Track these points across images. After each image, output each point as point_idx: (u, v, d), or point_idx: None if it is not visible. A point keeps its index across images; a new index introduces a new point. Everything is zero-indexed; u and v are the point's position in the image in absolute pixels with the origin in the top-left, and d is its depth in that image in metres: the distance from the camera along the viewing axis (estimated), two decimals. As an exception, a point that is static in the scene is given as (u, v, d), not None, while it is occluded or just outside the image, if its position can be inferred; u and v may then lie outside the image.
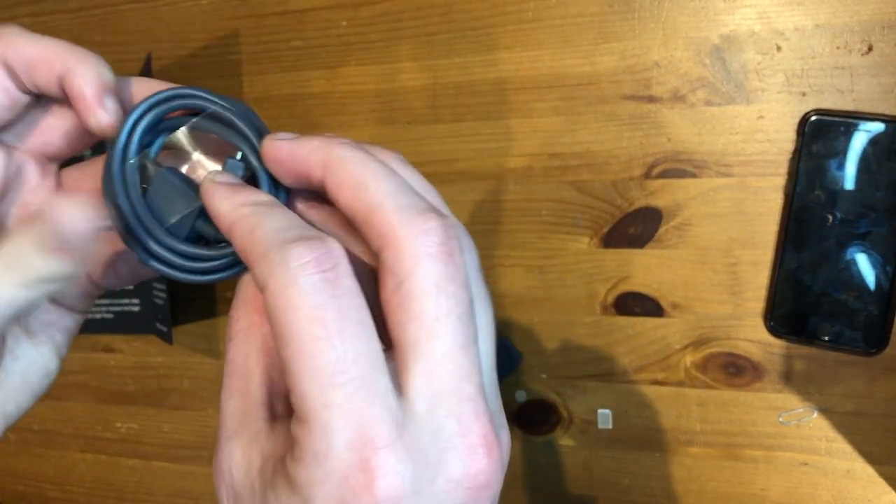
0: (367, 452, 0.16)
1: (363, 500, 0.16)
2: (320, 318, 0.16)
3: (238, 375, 0.19)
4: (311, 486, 0.16)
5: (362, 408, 0.16)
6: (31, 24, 0.59)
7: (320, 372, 0.16)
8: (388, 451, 0.16)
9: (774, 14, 0.42)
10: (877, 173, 0.39)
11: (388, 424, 0.16)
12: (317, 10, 0.50)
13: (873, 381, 0.41)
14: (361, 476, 0.16)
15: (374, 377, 0.16)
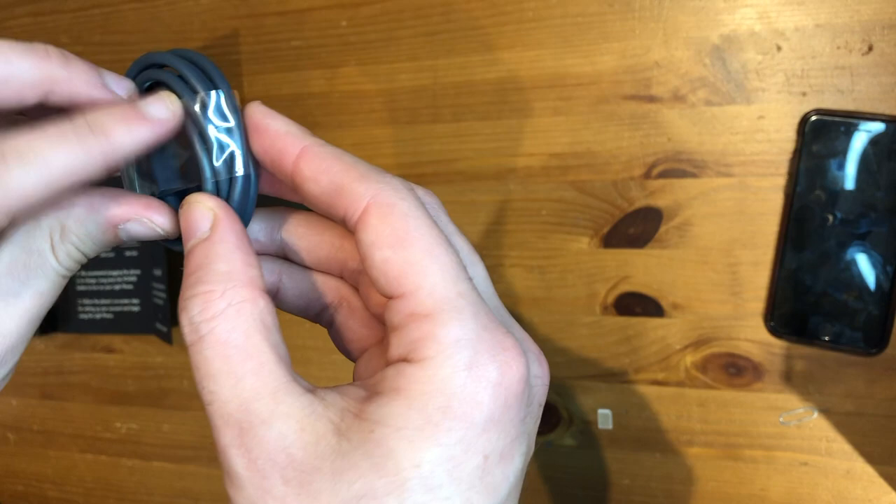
0: (497, 334, 0.17)
1: (503, 379, 0.17)
2: (435, 226, 0.18)
3: (243, 355, 0.17)
4: (449, 379, 0.16)
5: (479, 300, 0.18)
6: (30, 24, 0.59)
7: (451, 266, 0.18)
8: (503, 334, 0.18)
9: (775, 14, 0.42)
10: (877, 173, 0.39)
11: (493, 317, 0.18)
12: (317, 9, 0.50)
13: (874, 381, 0.41)
14: (500, 353, 0.17)
15: (469, 280, 0.18)
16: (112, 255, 0.55)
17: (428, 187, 0.52)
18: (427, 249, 0.18)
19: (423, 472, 0.16)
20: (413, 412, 0.16)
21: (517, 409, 0.17)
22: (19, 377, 0.62)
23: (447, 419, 0.16)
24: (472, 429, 0.16)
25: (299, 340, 0.53)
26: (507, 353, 0.17)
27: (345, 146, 0.54)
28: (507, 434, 0.17)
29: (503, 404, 0.17)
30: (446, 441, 0.16)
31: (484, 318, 0.18)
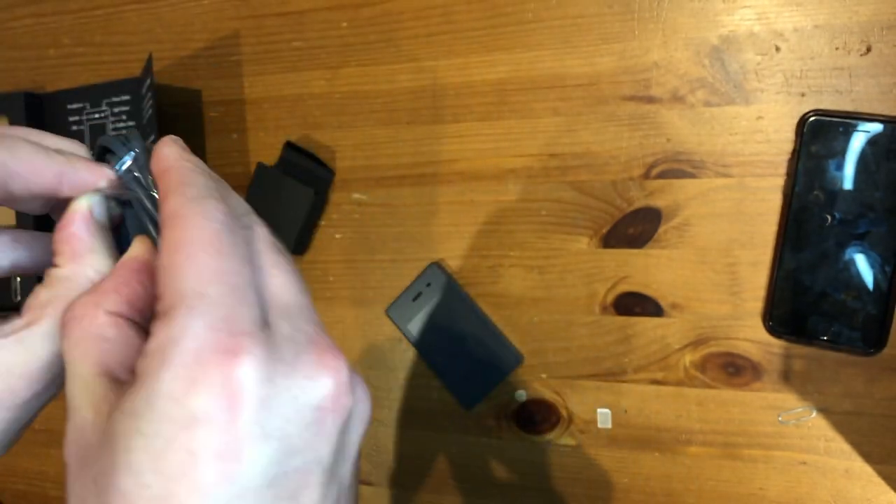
0: (227, 336, 0.16)
1: (214, 377, 0.16)
2: (219, 238, 0.18)
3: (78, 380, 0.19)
4: (158, 370, 0.16)
5: (233, 304, 0.17)
6: (32, 25, 0.59)
7: (205, 270, 0.17)
8: (249, 337, 0.16)
9: (773, 15, 0.42)
10: (875, 173, 0.39)
11: (253, 321, 0.17)
12: (317, 10, 0.51)
13: (872, 380, 0.42)
14: (217, 355, 0.16)
15: (247, 289, 0.17)
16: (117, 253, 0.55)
17: (428, 187, 0.53)
18: (190, 254, 0.17)
19: (129, 459, 0.16)
20: (128, 403, 0.16)
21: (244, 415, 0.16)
22: (21, 377, 0.62)
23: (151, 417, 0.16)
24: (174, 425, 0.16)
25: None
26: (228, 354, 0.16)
27: (345, 146, 0.55)
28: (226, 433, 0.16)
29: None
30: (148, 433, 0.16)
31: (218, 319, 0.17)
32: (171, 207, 0.19)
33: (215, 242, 0.18)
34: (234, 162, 0.54)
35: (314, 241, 0.52)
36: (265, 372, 0.16)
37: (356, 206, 0.51)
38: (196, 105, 0.55)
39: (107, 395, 0.18)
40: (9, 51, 0.60)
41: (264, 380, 0.16)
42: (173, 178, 0.21)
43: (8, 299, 0.57)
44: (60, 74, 0.59)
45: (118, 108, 0.54)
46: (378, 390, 0.52)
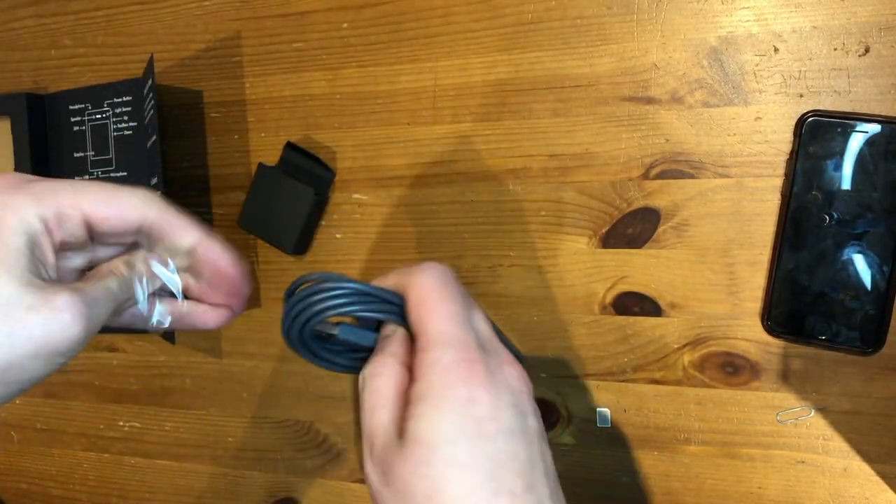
0: (464, 354, 0.26)
1: (472, 377, 0.26)
2: (449, 298, 0.28)
3: (380, 398, 0.27)
4: (435, 379, 0.26)
5: (467, 338, 0.27)
6: (34, 26, 0.59)
7: (442, 316, 0.27)
8: (476, 353, 0.27)
9: (772, 16, 0.42)
10: (874, 174, 0.40)
11: (475, 346, 0.27)
12: (318, 11, 0.51)
13: (870, 380, 0.42)
14: (464, 364, 0.26)
15: (469, 327, 0.28)
16: (115, 255, 0.55)
17: (428, 188, 0.53)
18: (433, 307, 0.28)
19: (433, 438, 0.25)
20: (419, 406, 0.26)
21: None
22: (23, 376, 0.62)
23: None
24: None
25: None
26: (468, 358, 0.27)
27: (346, 147, 0.55)
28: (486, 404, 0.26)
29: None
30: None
31: (462, 344, 0.27)
32: (406, 281, 0.29)
33: (446, 293, 0.28)
34: (235, 162, 0.54)
35: (315, 241, 0.52)
36: (490, 368, 0.27)
37: (357, 207, 0.51)
38: (197, 106, 0.55)
39: (400, 412, 0.26)
40: (10, 52, 0.60)
41: (492, 371, 0.27)
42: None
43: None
44: (62, 75, 0.59)
45: (119, 109, 0.55)
46: (378, 390, 0.52)
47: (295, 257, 0.53)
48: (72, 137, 0.56)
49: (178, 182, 0.56)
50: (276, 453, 0.55)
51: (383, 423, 0.26)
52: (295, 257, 0.53)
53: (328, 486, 0.54)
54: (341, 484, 0.53)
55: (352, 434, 0.53)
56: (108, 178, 0.55)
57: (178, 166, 0.56)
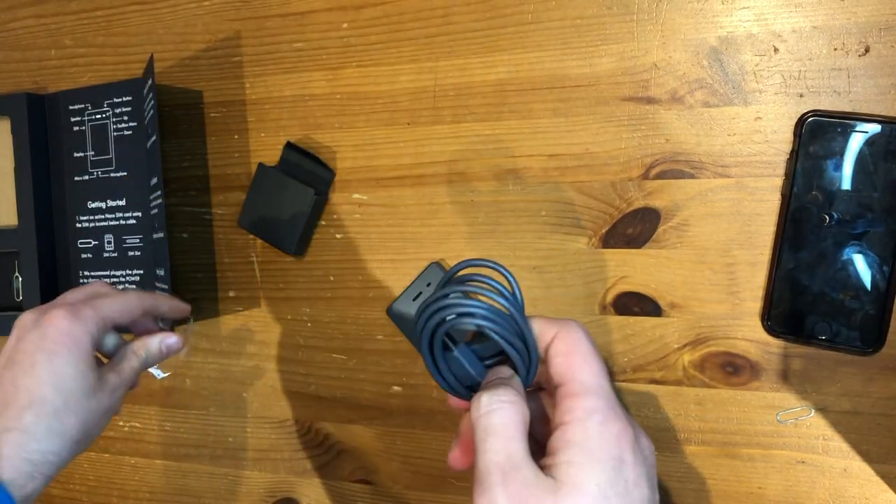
0: (616, 411, 0.28)
1: (622, 438, 0.27)
2: (596, 352, 0.31)
3: (514, 428, 0.28)
4: (587, 427, 0.27)
5: (616, 400, 0.29)
6: (34, 26, 0.59)
7: (598, 370, 0.29)
8: (624, 414, 0.29)
9: (772, 16, 0.42)
10: (873, 174, 0.40)
11: (624, 413, 0.29)
12: (318, 12, 0.51)
13: (870, 380, 0.42)
14: (617, 423, 0.27)
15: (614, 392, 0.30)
16: (115, 254, 0.55)
17: (428, 188, 0.53)
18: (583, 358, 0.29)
19: (592, 489, 0.26)
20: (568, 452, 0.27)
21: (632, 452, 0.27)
22: (23, 376, 0.62)
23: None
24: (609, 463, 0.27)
25: (300, 339, 0.53)
26: (620, 419, 0.28)
27: (346, 147, 0.55)
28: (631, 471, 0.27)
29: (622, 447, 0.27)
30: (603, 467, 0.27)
31: (611, 400, 0.28)
32: (554, 329, 0.30)
33: (597, 351, 0.30)
34: (235, 162, 0.54)
35: (315, 241, 0.52)
36: (634, 434, 0.28)
37: (356, 207, 0.51)
38: (197, 106, 0.55)
39: (528, 447, 0.27)
40: (10, 52, 0.60)
41: (636, 437, 0.28)
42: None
43: (10, 299, 0.57)
44: (62, 75, 0.59)
45: (119, 109, 0.55)
46: (378, 390, 0.52)
47: (295, 257, 0.53)
48: (72, 137, 0.56)
49: (178, 182, 0.56)
50: (276, 453, 0.55)
51: (520, 454, 0.27)
52: (295, 257, 0.53)
53: (328, 486, 0.54)
54: (341, 484, 0.53)
55: (352, 434, 0.53)
56: (108, 178, 0.55)
57: (178, 166, 0.56)
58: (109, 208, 0.55)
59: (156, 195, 0.51)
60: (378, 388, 0.52)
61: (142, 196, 0.54)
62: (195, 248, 0.56)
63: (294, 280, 0.53)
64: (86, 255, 0.56)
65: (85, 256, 0.56)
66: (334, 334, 0.52)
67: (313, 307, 0.53)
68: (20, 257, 0.56)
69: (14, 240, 0.56)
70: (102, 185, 0.55)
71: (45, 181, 0.57)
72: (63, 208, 0.57)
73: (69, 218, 0.57)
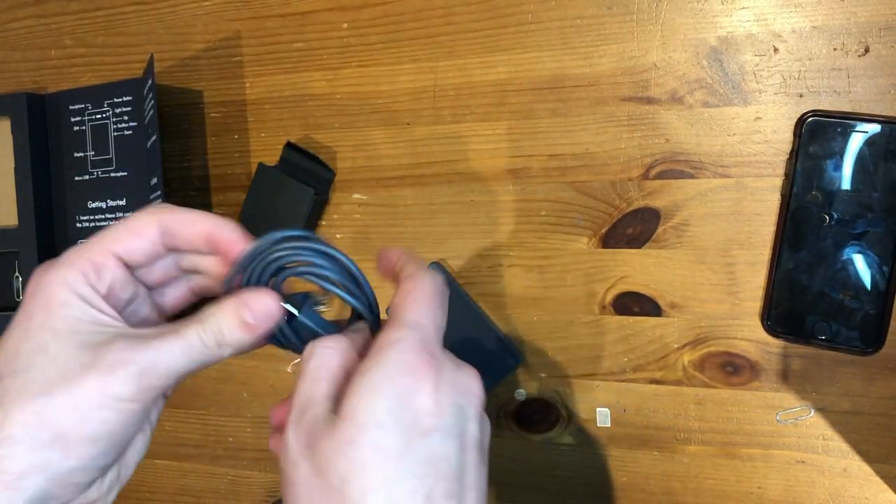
0: (428, 347, 0.26)
1: (422, 370, 0.25)
2: (437, 296, 0.28)
3: (324, 370, 0.26)
4: (387, 357, 0.25)
5: (433, 334, 0.27)
6: (34, 26, 0.59)
7: (425, 310, 0.27)
8: (441, 352, 0.26)
9: (772, 16, 0.42)
10: (873, 174, 0.40)
11: (440, 347, 0.27)
12: (318, 12, 0.51)
13: (870, 380, 0.42)
14: (424, 356, 0.25)
15: (440, 329, 0.27)
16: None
17: (428, 188, 0.53)
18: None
19: (365, 418, 0.24)
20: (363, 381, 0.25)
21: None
22: (23, 376, 0.62)
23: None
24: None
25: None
26: (428, 354, 0.25)
27: (346, 147, 0.55)
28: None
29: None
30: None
31: (426, 340, 0.26)
32: (409, 271, 0.28)
33: (436, 298, 0.28)
34: (235, 162, 0.54)
35: (315, 241, 0.52)
36: (448, 364, 0.26)
37: (357, 207, 0.51)
38: (197, 106, 0.55)
39: (339, 389, 0.26)
40: (11, 52, 0.60)
41: (448, 367, 0.26)
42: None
43: (10, 299, 0.57)
44: (62, 75, 0.59)
45: (120, 109, 0.55)
46: (378, 390, 0.52)
47: (295, 257, 0.53)
48: (72, 137, 0.56)
49: (178, 182, 0.56)
50: (276, 453, 0.55)
51: (320, 394, 0.25)
52: (295, 257, 0.53)
53: (328, 486, 0.54)
54: (341, 484, 0.53)
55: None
56: (109, 178, 0.55)
57: (178, 166, 0.56)
58: (109, 208, 0.55)
59: (156, 195, 0.51)
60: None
61: (142, 196, 0.54)
62: (195, 248, 0.56)
63: (294, 280, 0.53)
64: (86, 255, 0.56)
65: (85, 256, 0.56)
66: (334, 334, 0.52)
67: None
68: (20, 257, 0.56)
69: (14, 240, 0.56)
70: (102, 185, 0.55)
71: (45, 181, 0.57)
72: (63, 208, 0.57)
73: (69, 218, 0.57)
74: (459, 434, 0.25)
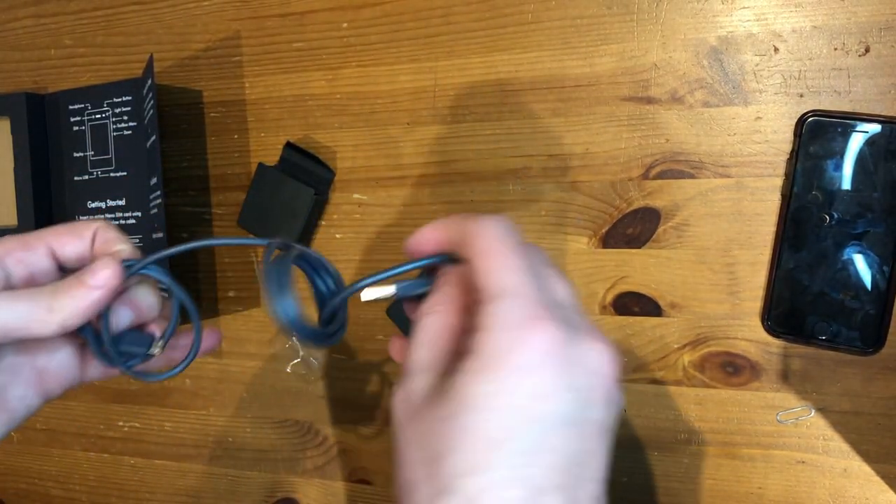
0: (535, 311, 0.23)
1: (531, 339, 0.22)
2: (518, 251, 0.25)
3: (428, 335, 0.26)
4: (491, 337, 0.23)
5: (535, 292, 0.24)
6: (33, 26, 0.59)
7: (515, 270, 0.24)
8: (549, 312, 0.23)
9: (772, 16, 0.42)
10: (874, 174, 0.40)
11: (548, 305, 0.24)
12: (318, 11, 0.51)
13: (870, 380, 0.42)
14: (531, 321, 0.23)
15: (542, 286, 0.25)
16: (115, 255, 0.55)
17: (428, 188, 0.53)
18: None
19: (479, 402, 0.22)
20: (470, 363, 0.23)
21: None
22: (23, 376, 0.62)
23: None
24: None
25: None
26: (542, 318, 0.23)
27: (346, 147, 0.55)
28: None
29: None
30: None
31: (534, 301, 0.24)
32: (465, 230, 0.27)
33: (516, 252, 0.25)
34: (235, 162, 0.54)
35: (315, 241, 0.52)
36: (564, 337, 0.23)
37: (357, 207, 0.51)
38: (197, 105, 0.55)
39: (444, 354, 0.25)
40: (10, 52, 0.60)
41: (565, 341, 0.23)
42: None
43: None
44: (62, 75, 0.59)
45: (119, 109, 0.55)
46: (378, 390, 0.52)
47: (295, 257, 0.53)
48: (72, 137, 0.56)
49: (178, 182, 0.56)
50: (276, 453, 0.55)
51: (424, 360, 0.25)
52: (295, 257, 0.53)
53: (328, 486, 0.54)
54: (341, 484, 0.53)
55: (352, 434, 0.53)
56: (108, 178, 0.55)
57: (178, 166, 0.56)
58: (109, 208, 0.55)
59: (156, 195, 0.51)
60: (378, 388, 0.52)
61: (142, 196, 0.54)
62: (195, 248, 0.56)
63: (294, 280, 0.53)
64: (86, 255, 0.56)
65: (85, 256, 0.56)
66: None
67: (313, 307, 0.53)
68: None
69: (14, 240, 0.56)
70: (102, 184, 0.55)
71: (44, 181, 0.57)
72: (63, 208, 0.57)
73: (69, 218, 0.57)
74: (577, 421, 0.23)
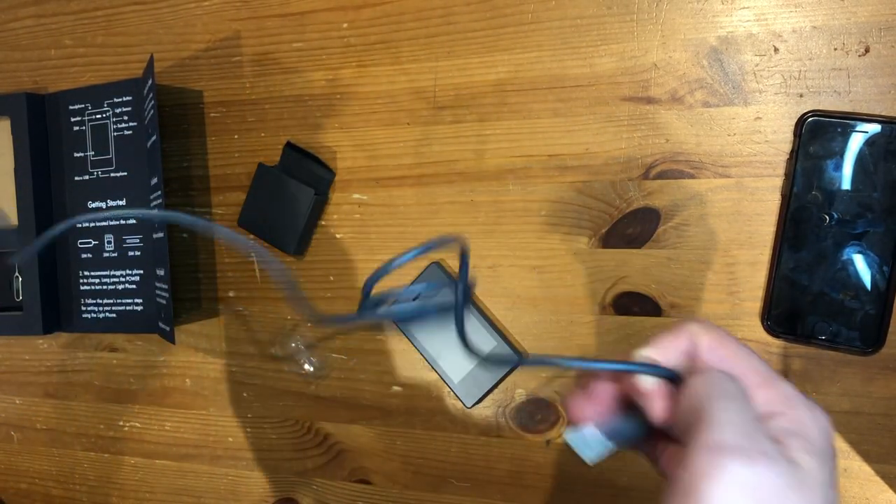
0: (750, 445, 0.25)
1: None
2: (740, 397, 0.27)
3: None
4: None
5: (752, 433, 0.25)
6: (34, 26, 0.59)
7: (734, 413, 0.26)
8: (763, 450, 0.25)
9: (772, 16, 0.42)
10: (873, 174, 0.40)
11: (763, 443, 0.25)
12: (318, 11, 0.51)
13: (870, 380, 0.42)
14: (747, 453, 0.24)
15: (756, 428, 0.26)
16: (115, 254, 0.55)
17: (428, 188, 0.53)
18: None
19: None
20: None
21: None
22: (23, 376, 0.62)
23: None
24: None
25: (300, 339, 0.53)
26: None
27: (346, 147, 0.55)
28: None
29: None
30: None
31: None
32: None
33: (739, 398, 0.26)
34: (235, 162, 0.54)
35: (314, 241, 0.52)
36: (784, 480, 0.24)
37: (356, 206, 0.51)
38: (197, 106, 0.55)
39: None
40: (10, 52, 0.60)
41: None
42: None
43: (10, 299, 0.57)
44: (62, 75, 0.59)
45: (120, 109, 0.55)
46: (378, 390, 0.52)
47: (294, 257, 0.53)
48: (72, 137, 0.56)
49: (178, 182, 0.56)
50: (276, 453, 0.55)
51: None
52: (294, 257, 0.53)
53: (328, 486, 0.54)
54: (341, 484, 0.53)
55: (352, 434, 0.53)
56: (109, 178, 0.55)
57: (178, 166, 0.56)
58: (109, 208, 0.55)
59: (156, 195, 0.51)
60: (378, 388, 0.52)
61: (142, 196, 0.54)
62: (195, 248, 0.56)
63: (294, 280, 0.53)
64: (86, 255, 0.56)
65: (85, 256, 0.56)
66: (335, 336, 0.52)
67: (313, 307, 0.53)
68: (20, 257, 0.56)
69: (14, 240, 0.56)
70: (102, 185, 0.55)
71: (45, 181, 0.57)
72: (63, 208, 0.57)
73: (69, 218, 0.57)
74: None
